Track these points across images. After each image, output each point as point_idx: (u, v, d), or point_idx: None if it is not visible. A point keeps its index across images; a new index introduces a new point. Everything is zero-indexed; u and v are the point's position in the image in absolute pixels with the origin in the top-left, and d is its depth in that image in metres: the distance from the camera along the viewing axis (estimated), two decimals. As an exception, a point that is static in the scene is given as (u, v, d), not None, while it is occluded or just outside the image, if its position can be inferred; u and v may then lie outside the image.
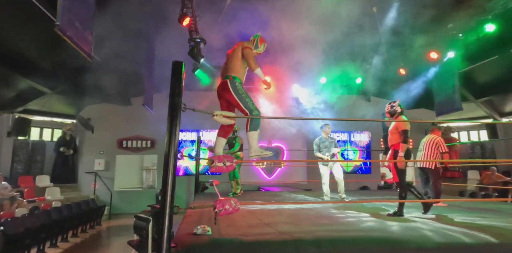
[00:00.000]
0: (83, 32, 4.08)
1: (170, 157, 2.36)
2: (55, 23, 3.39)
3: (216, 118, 2.85)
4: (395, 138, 3.95)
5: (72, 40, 3.77)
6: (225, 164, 2.72)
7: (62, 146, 10.55)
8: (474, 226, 2.91)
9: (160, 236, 2.23)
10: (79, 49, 4.03)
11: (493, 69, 8.63)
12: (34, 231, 5.31)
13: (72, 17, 3.71)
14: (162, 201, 2.29)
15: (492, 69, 8.65)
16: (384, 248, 2.36)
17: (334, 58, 7.62)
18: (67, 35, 3.59)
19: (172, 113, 2.47)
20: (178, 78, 2.53)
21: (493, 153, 11.35)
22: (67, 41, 3.67)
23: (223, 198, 2.78)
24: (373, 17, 7.43)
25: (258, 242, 2.42)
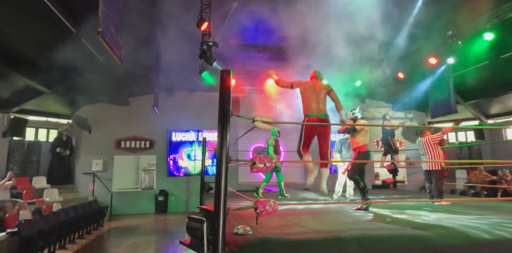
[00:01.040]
0: (116, 36, 4.12)
1: (223, 161, 2.49)
2: (98, 30, 3.44)
3: (256, 123, 2.99)
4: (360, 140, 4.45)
5: (109, 45, 3.81)
6: (265, 164, 2.87)
7: (58, 146, 10.36)
8: (490, 223, 3.19)
9: (215, 236, 2.36)
10: (113, 53, 4.07)
11: (482, 74, 9.13)
12: (46, 233, 5.29)
13: (109, 23, 3.75)
14: (216, 203, 2.42)
15: (481, 74, 9.14)
16: (415, 245, 2.58)
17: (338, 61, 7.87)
18: (106, 41, 3.64)
19: (222, 119, 2.60)
20: (226, 86, 2.66)
21: (479, 153, 11.97)
22: (105, 46, 3.71)
23: (263, 199, 2.94)
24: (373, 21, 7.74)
25: (302, 240, 2.59)
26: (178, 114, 10.92)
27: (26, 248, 4.83)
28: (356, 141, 4.51)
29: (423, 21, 6.83)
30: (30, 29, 6.70)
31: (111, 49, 3.92)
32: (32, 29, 6.67)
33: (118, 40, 4.24)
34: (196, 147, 11.39)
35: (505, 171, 9.75)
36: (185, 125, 11.26)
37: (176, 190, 11.00)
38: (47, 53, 7.58)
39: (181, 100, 11.09)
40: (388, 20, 7.14)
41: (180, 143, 11.32)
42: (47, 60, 7.89)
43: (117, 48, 4.17)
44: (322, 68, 8.78)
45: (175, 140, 11.32)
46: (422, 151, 5.64)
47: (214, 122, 10.44)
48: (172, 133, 11.32)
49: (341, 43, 7.83)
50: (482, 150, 12.10)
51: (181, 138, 11.36)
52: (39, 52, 7.69)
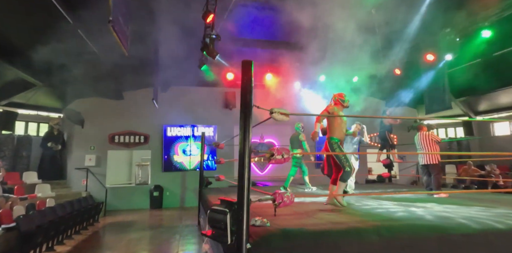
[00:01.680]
0: (123, 26, 4.01)
1: (246, 153, 2.48)
2: (108, 18, 3.33)
3: (274, 115, 2.98)
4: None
5: (117, 35, 3.71)
6: (283, 156, 2.88)
7: (49, 141, 10.09)
8: (496, 214, 3.30)
9: (239, 227, 2.36)
10: (121, 43, 3.96)
11: (473, 71, 9.38)
12: (45, 228, 5.17)
13: (118, 12, 3.64)
14: (240, 195, 2.41)
15: (472, 71, 9.40)
16: (432, 234, 2.66)
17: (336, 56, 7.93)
18: (115, 30, 3.53)
19: (245, 111, 2.58)
20: (248, 77, 2.64)
21: (468, 148, 12.35)
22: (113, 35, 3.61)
23: (281, 192, 2.95)
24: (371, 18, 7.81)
25: (323, 231, 2.62)
26: (173, 109, 10.79)
27: (26, 243, 4.71)
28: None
29: (423, 18, 6.94)
30: (26, 19, 6.45)
31: (119, 38, 3.81)
32: (28, 19, 6.42)
33: (125, 30, 4.14)
34: (192, 142, 11.31)
35: (493, 165, 10.10)
36: (180, 120, 11.14)
37: (171, 186, 10.90)
38: (41, 44, 7.33)
39: (177, 95, 10.95)
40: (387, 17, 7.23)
41: (175, 138, 11.21)
42: (41, 51, 7.64)
43: (124, 38, 4.07)
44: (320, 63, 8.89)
45: (170, 135, 11.19)
46: (419, 146, 5.76)
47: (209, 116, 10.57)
48: (167, 128, 11.19)
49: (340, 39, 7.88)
50: (471, 146, 12.48)
51: (176, 133, 11.25)
52: (33, 43, 7.43)
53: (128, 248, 5.75)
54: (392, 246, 2.55)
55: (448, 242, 2.60)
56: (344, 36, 7.42)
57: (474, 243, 2.65)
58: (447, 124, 13.19)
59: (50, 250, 5.49)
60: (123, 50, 4.27)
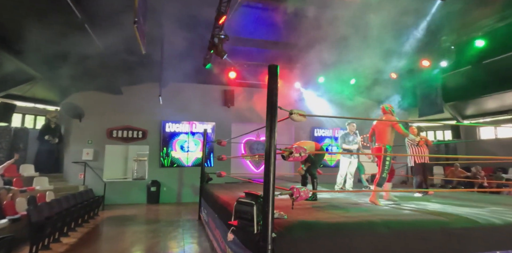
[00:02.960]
0: (143, 26, 4.13)
1: (271, 151, 2.70)
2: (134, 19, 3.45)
3: (293, 116, 3.19)
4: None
5: (139, 34, 3.83)
6: (300, 154, 3.10)
7: (46, 134, 10.05)
8: (492, 211, 3.62)
9: (265, 218, 2.58)
10: (141, 42, 4.08)
11: (463, 77, 9.84)
12: (54, 220, 5.26)
13: (139, 13, 3.76)
14: (266, 188, 2.63)
15: (462, 77, 9.85)
16: (436, 228, 2.94)
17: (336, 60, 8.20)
18: (137, 30, 3.66)
19: (271, 111, 2.79)
20: (275, 80, 2.85)
21: (455, 150, 12.89)
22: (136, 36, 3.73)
23: (298, 186, 3.18)
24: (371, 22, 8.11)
25: (338, 223, 2.87)
26: (172, 105, 10.86)
27: (37, 234, 4.80)
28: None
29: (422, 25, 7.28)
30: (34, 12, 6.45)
31: (140, 36, 3.94)
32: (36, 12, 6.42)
33: (143, 29, 4.26)
34: (190, 138, 11.43)
35: (478, 167, 10.62)
36: (179, 116, 11.23)
37: (168, 181, 11.01)
38: (46, 37, 7.32)
39: (176, 91, 11.02)
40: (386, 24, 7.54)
41: (173, 134, 11.31)
42: (45, 43, 7.63)
43: (143, 37, 4.20)
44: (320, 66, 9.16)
45: (168, 131, 11.28)
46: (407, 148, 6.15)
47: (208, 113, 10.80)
48: (165, 124, 11.27)
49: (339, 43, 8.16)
50: (458, 149, 13.04)
51: (174, 129, 11.34)
52: (36, 35, 7.40)
53: (133, 240, 5.90)
54: (400, 237, 2.82)
55: (450, 234, 2.89)
56: (343, 40, 7.70)
57: (473, 236, 2.94)
58: (436, 127, 13.72)
59: (56, 241, 5.58)
60: (141, 49, 4.40)
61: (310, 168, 4.89)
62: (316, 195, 4.81)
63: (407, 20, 6.76)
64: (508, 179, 9.71)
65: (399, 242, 2.81)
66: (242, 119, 11.38)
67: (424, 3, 6.56)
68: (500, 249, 2.96)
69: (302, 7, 7.81)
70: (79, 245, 5.53)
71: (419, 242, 2.83)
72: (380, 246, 2.76)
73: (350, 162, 6.14)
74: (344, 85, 9.53)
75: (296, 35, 8.41)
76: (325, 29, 7.97)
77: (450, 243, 2.87)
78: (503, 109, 11.26)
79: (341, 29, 7.71)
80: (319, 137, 12.79)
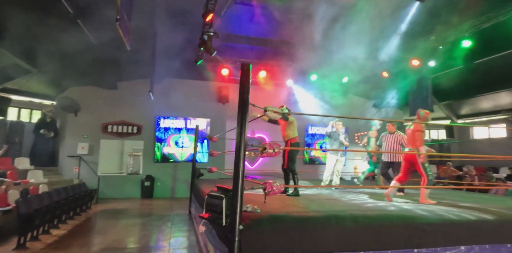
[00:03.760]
0: (127, 22, 4.20)
1: (241, 146, 2.79)
2: (116, 17, 3.54)
3: (267, 113, 3.28)
4: (290, 134, 5.09)
5: (122, 32, 3.91)
6: (274, 150, 3.20)
7: (42, 128, 10.17)
8: (465, 207, 3.72)
9: (233, 211, 2.68)
10: (125, 40, 4.17)
11: (456, 77, 9.89)
12: (42, 212, 5.39)
13: (123, 10, 3.84)
14: (235, 183, 2.72)
15: (455, 77, 9.90)
16: (401, 223, 3.04)
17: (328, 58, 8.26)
18: (121, 28, 3.74)
19: (242, 108, 2.88)
20: (247, 78, 2.93)
21: (448, 149, 12.97)
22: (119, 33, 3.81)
23: (271, 181, 3.28)
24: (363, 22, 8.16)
25: (307, 217, 2.97)
26: (167, 101, 10.96)
27: (25, 225, 4.93)
28: (287, 134, 5.16)
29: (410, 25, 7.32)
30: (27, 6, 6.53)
31: (124, 35, 4.02)
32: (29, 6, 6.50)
33: (128, 26, 4.34)
34: (184, 134, 11.54)
35: (470, 167, 10.71)
36: (174, 112, 11.34)
37: (162, 176, 11.14)
38: (39, 31, 7.41)
39: (171, 87, 11.10)
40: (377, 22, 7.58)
41: (168, 130, 11.42)
42: (38, 38, 7.72)
43: (127, 34, 4.27)
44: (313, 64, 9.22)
45: (163, 127, 11.39)
46: (382, 143, 6.17)
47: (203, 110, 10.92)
48: (160, 120, 11.38)
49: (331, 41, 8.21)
50: (451, 148, 13.11)
51: (169, 125, 11.45)
52: (29, 29, 7.49)
53: (122, 233, 6.01)
54: (366, 231, 2.92)
55: (414, 229, 2.99)
56: (335, 38, 7.75)
57: (437, 231, 3.04)
58: (430, 126, 13.77)
59: (46, 233, 5.71)
60: (126, 45, 4.49)
61: (289, 164, 4.98)
62: (298, 191, 4.90)
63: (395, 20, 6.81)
64: (498, 179, 9.79)
65: (365, 236, 2.90)
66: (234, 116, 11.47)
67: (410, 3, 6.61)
68: (465, 244, 3.06)
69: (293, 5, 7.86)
70: (68, 237, 5.67)
71: (384, 236, 2.93)
72: (346, 239, 2.86)
73: (337, 160, 6.24)
74: (336, 83, 9.59)
75: (289, 32, 8.47)
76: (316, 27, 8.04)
77: (414, 237, 2.97)
78: (497, 109, 11.32)
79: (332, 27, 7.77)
80: (313, 135, 12.89)
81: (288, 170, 5.04)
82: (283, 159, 5.04)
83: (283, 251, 2.73)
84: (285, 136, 5.17)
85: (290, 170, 5.01)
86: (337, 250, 2.82)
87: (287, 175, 5.11)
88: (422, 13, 6.70)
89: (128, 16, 4.26)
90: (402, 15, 7.04)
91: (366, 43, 7.92)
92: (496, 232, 3.13)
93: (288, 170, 5.04)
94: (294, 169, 4.98)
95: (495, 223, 3.17)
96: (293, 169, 4.97)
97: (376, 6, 6.57)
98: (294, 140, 5.09)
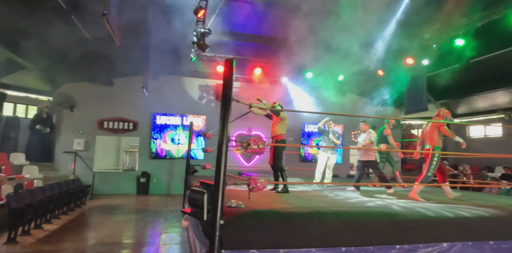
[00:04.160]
0: (116, 18, 4.19)
1: (223, 141, 2.79)
2: (103, 12, 3.53)
3: (252, 109, 3.29)
4: (277, 130, 5.04)
5: (110, 27, 3.90)
6: (258, 146, 3.20)
7: (38, 123, 10.18)
8: (448, 206, 3.73)
9: (214, 206, 2.69)
10: (114, 35, 4.16)
11: (452, 76, 9.86)
12: (34, 206, 5.41)
13: (112, 5, 3.83)
14: (217, 177, 2.73)
15: (451, 76, 9.88)
16: (384, 219, 3.05)
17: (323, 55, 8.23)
18: (109, 22, 3.73)
19: (225, 104, 2.88)
20: (230, 73, 2.92)
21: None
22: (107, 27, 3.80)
23: (255, 177, 3.28)
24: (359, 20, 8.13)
25: (290, 212, 2.98)
26: (163, 98, 10.96)
27: (15, 220, 4.95)
28: (274, 130, 5.11)
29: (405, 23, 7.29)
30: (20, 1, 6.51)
31: (112, 30, 4.01)
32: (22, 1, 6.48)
33: (117, 21, 4.33)
34: (180, 131, 11.55)
35: (465, 166, 10.71)
36: (170, 108, 11.34)
37: (158, 173, 11.17)
38: (33, 27, 7.40)
39: (168, 84, 11.11)
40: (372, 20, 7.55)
41: (164, 126, 11.43)
42: (33, 33, 7.70)
43: (116, 30, 4.26)
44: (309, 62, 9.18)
45: (159, 123, 11.40)
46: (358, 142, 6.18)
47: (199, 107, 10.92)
48: (156, 116, 11.39)
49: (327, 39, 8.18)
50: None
51: (165, 122, 11.46)
52: (24, 25, 7.47)
53: (114, 229, 6.04)
54: (349, 227, 2.93)
55: (397, 225, 3.00)
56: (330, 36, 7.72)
57: (420, 228, 3.05)
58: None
59: (38, 227, 5.74)
60: (115, 41, 4.47)
61: (276, 161, 4.97)
62: (287, 187, 4.91)
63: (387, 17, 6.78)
64: (493, 178, 9.79)
65: (347, 232, 2.91)
66: (234, 113, 11.46)
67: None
68: (447, 241, 3.07)
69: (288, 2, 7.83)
70: (59, 231, 5.70)
71: (367, 232, 2.93)
72: (329, 235, 2.87)
73: (328, 157, 6.24)
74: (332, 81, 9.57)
75: (284, 30, 8.43)
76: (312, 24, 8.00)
77: (397, 234, 2.97)
78: (493, 108, 11.30)
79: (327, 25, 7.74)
80: (309, 133, 12.89)
81: (275, 166, 5.03)
82: (269, 156, 5.04)
83: (265, 246, 2.73)
84: (273, 132, 5.15)
85: (277, 167, 5.00)
86: (319, 246, 2.82)
87: (276, 172, 5.11)
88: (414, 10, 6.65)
89: (117, 11, 4.25)
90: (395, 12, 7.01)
91: (361, 41, 7.89)
92: (479, 229, 3.14)
93: (275, 166, 5.03)
94: (282, 165, 4.97)
95: (479, 220, 3.18)
96: (280, 166, 4.96)
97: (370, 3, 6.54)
98: (280, 137, 5.06)
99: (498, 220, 3.23)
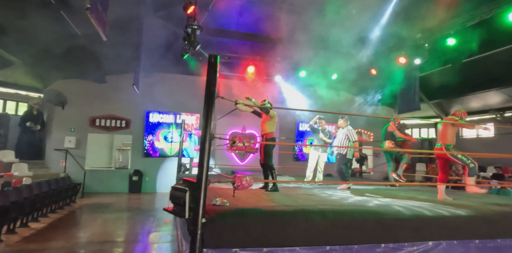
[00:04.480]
0: (101, 12, 4.12)
1: (206, 139, 2.74)
2: (86, 6, 3.46)
3: (238, 106, 3.24)
4: (267, 128, 4.99)
5: (95, 21, 3.83)
6: (244, 144, 3.16)
7: (28, 120, 10.04)
8: (432, 205, 3.72)
9: (196, 204, 2.64)
10: (99, 29, 4.08)
11: (445, 76, 9.88)
12: (19, 204, 5.32)
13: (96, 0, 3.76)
14: (199, 175, 2.68)
15: (444, 76, 9.89)
16: (370, 218, 3.02)
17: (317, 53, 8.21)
18: (92, 17, 3.66)
19: (208, 101, 2.84)
20: (214, 69, 2.88)
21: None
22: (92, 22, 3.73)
23: (240, 175, 3.24)
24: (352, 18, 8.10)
25: (274, 211, 2.94)
26: (156, 96, 10.85)
27: (0, 218, 4.86)
28: (264, 128, 5.07)
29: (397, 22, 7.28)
30: None
31: (98, 24, 3.94)
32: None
33: (103, 16, 4.26)
34: (173, 129, 11.47)
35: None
36: (163, 106, 11.25)
37: (151, 171, 11.08)
38: (22, 22, 7.27)
39: (160, 81, 10.99)
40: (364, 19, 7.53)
41: (157, 124, 11.35)
42: (21, 29, 7.58)
43: (102, 24, 4.20)
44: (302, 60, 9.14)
45: (152, 121, 11.31)
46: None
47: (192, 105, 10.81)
48: (149, 114, 11.30)
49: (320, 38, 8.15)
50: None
51: (158, 120, 11.38)
52: (13, 20, 7.35)
53: (102, 228, 5.97)
54: (334, 226, 2.90)
55: (383, 224, 2.97)
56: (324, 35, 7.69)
57: (406, 227, 3.03)
58: (421, 124, 13.82)
59: (24, 226, 5.65)
60: (102, 36, 4.41)
61: (266, 159, 4.94)
62: (277, 186, 4.87)
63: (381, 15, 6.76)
64: (485, 177, 9.84)
65: (332, 230, 2.88)
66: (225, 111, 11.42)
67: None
68: (433, 239, 3.05)
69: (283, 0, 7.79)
70: (46, 230, 5.61)
71: (352, 231, 2.90)
72: (314, 233, 2.84)
73: (318, 156, 6.22)
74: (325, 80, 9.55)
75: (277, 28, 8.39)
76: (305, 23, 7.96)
77: (383, 233, 2.95)
78: (486, 108, 11.36)
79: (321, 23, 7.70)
80: (304, 131, 12.87)
81: (265, 165, 4.99)
82: (260, 155, 4.99)
83: (249, 245, 2.70)
84: (262, 130, 5.11)
85: (267, 165, 4.96)
86: (304, 245, 2.79)
87: (266, 171, 5.07)
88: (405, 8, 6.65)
89: (103, 6, 4.18)
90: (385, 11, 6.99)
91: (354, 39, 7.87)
92: (464, 228, 3.13)
93: (265, 165, 4.99)
94: (271, 164, 4.94)
95: (464, 219, 3.16)
96: (270, 164, 4.92)
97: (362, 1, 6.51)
98: (270, 135, 5.02)
99: (484, 219, 3.22)
